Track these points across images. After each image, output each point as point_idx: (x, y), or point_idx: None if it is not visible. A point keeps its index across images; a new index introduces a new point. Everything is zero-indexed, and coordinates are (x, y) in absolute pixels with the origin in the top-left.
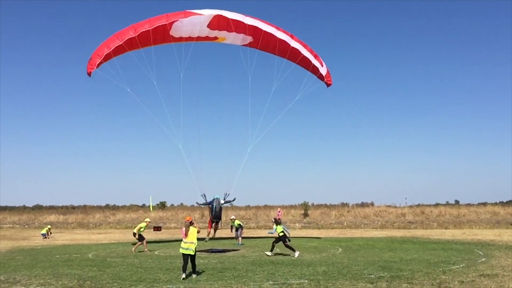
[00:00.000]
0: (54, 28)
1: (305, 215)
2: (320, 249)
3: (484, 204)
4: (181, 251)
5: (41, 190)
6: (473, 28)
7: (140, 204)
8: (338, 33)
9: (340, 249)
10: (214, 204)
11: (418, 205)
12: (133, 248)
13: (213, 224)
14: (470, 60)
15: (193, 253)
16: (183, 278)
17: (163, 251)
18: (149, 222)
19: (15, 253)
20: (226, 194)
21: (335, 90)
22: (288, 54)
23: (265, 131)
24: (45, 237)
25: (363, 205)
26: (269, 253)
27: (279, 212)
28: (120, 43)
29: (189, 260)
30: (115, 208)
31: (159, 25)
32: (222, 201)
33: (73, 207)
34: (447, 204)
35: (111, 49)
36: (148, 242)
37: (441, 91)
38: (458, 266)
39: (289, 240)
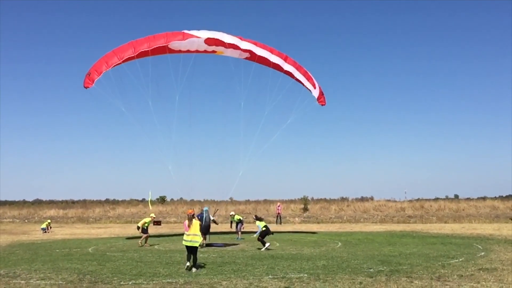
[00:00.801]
0: (50, 26)
1: (305, 209)
2: (319, 243)
3: (484, 198)
4: (185, 243)
5: (41, 184)
6: (470, 24)
7: (140, 198)
8: (335, 30)
9: (340, 243)
10: (204, 216)
11: (418, 200)
12: (139, 241)
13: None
14: (469, 56)
15: (197, 245)
16: (188, 267)
17: (163, 245)
18: (154, 217)
19: (15, 247)
20: (216, 209)
21: (335, 85)
22: (282, 77)
23: (259, 151)
24: (45, 232)
25: (362, 199)
26: (263, 249)
27: (278, 206)
28: (119, 61)
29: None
30: (115, 202)
31: (158, 46)
32: (212, 216)
33: (73, 202)
34: (447, 198)
35: (110, 67)
36: (148, 237)
37: (440, 86)
38: (457, 260)
39: (272, 233)
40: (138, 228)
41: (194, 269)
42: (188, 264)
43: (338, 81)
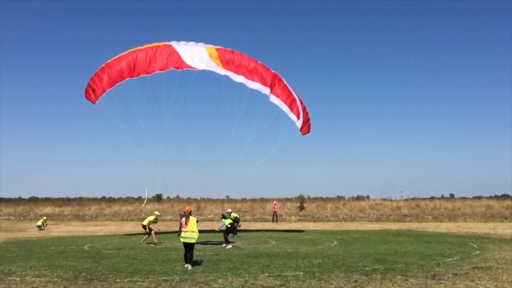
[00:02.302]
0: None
1: (301, 208)
2: (315, 242)
3: (479, 197)
4: (182, 240)
5: (37, 182)
6: (468, 24)
7: (136, 196)
8: (333, 30)
9: (336, 242)
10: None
11: (414, 199)
12: (154, 240)
13: None
14: (464, 55)
15: (194, 242)
16: (189, 268)
17: (159, 243)
18: (158, 215)
19: (10, 244)
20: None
21: (331, 84)
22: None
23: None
24: (41, 229)
25: (358, 198)
26: (228, 246)
27: (275, 205)
28: (120, 81)
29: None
30: (111, 200)
31: (157, 72)
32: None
33: (69, 199)
34: (442, 197)
35: (113, 86)
36: (144, 234)
37: (436, 86)
38: (452, 259)
39: (235, 234)
40: (144, 227)
41: (189, 266)
42: (189, 266)
43: (334, 80)
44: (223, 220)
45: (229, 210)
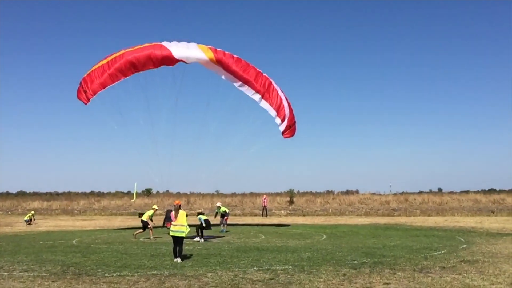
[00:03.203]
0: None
1: (291, 202)
2: (304, 236)
3: (467, 192)
4: (172, 233)
5: (25, 176)
6: (459, 17)
7: (126, 191)
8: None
9: (325, 236)
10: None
11: (402, 193)
12: (151, 236)
13: None
14: (452, 50)
15: (184, 235)
16: (179, 262)
17: (149, 237)
18: (156, 209)
19: None
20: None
21: (320, 78)
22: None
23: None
24: (29, 224)
25: (348, 192)
26: (200, 240)
27: (264, 199)
28: (112, 83)
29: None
30: (100, 194)
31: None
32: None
33: (57, 194)
34: (431, 192)
35: (104, 89)
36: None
37: (423, 81)
38: (439, 252)
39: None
40: (145, 222)
41: (179, 260)
42: (179, 260)
43: (322, 75)
44: (199, 217)
45: (219, 204)
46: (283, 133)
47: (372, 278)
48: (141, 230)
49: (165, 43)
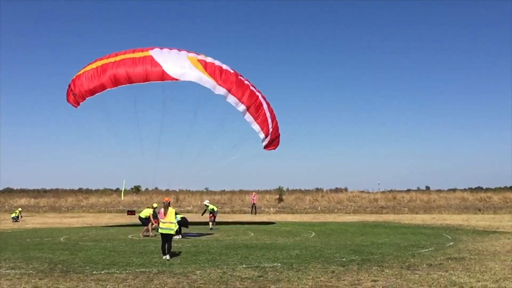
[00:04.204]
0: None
1: (280, 200)
2: (293, 233)
3: (454, 190)
4: (160, 231)
5: (12, 173)
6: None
7: (114, 188)
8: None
9: (314, 233)
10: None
11: (390, 191)
12: (150, 232)
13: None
14: (443, 47)
15: (173, 233)
16: (168, 259)
17: (137, 235)
18: (156, 207)
19: None
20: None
21: (308, 76)
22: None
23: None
24: (16, 221)
25: (337, 190)
26: (178, 236)
27: (254, 196)
28: (100, 91)
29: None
30: (88, 191)
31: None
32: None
33: (45, 191)
34: (418, 190)
35: (94, 94)
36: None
37: (412, 81)
38: (427, 250)
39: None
40: (144, 220)
41: (168, 257)
42: (167, 257)
43: (311, 73)
44: (176, 215)
45: (207, 202)
46: (265, 147)
47: (360, 275)
48: (146, 227)
49: (155, 54)
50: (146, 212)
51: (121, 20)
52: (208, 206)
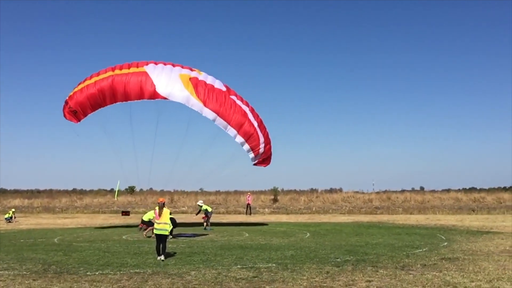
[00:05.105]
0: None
1: (275, 200)
2: (288, 234)
3: (448, 190)
4: (155, 231)
5: (5, 173)
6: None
7: (108, 188)
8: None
9: (308, 234)
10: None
11: (385, 191)
12: (150, 234)
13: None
14: (439, 47)
15: (167, 234)
16: (162, 260)
17: (131, 235)
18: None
19: None
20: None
21: (302, 77)
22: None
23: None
24: (9, 222)
25: (331, 191)
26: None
27: (248, 197)
28: (99, 108)
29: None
30: (82, 192)
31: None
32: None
33: (39, 191)
34: (413, 190)
35: (93, 112)
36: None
37: (406, 81)
38: (421, 250)
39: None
40: (146, 222)
41: (162, 257)
42: (162, 258)
43: (306, 74)
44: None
45: (200, 202)
46: (254, 164)
47: (354, 275)
48: (149, 229)
49: (149, 70)
50: (150, 215)
51: (121, 20)
52: (201, 206)
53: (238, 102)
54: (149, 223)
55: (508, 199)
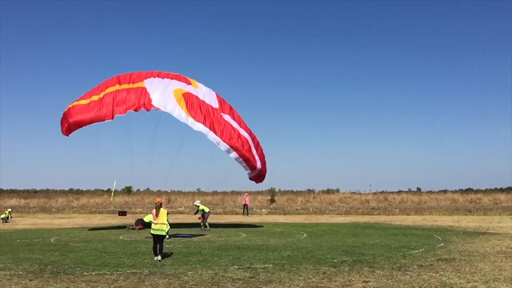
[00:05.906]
0: None
1: (272, 201)
2: (285, 234)
3: (444, 191)
4: (152, 232)
5: (2, 173)
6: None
7: (105, 188)
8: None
9: (305, 234)
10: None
11: (382, 192)
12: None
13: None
14: (439, 47)
15: (164, 234)
16: (159, 260)
17: (128, 235)
18: None
19: None
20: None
21: (300, 78)
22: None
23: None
24: (6, 222)
25: (328, 191)
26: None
27: (245, 197)
28: (96, 121)
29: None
30: (79, 192)
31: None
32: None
33: (35, 191)
34: (409, 191)
35: (87, 125)
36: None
37: (404, 82)
38: (417, 251)
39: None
40: (147, 223)
41: (159, 258)
42: (159, 258)
43: (303, 74)
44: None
45: (198, 202)
46: (250, 178)
47: (351, 276)
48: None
49: (147, 85)
50: (150, 217)
51: (121, 20)
52: (199, 206)
53: (228, 119)
54: (149, 225)
55: (504, 200)
